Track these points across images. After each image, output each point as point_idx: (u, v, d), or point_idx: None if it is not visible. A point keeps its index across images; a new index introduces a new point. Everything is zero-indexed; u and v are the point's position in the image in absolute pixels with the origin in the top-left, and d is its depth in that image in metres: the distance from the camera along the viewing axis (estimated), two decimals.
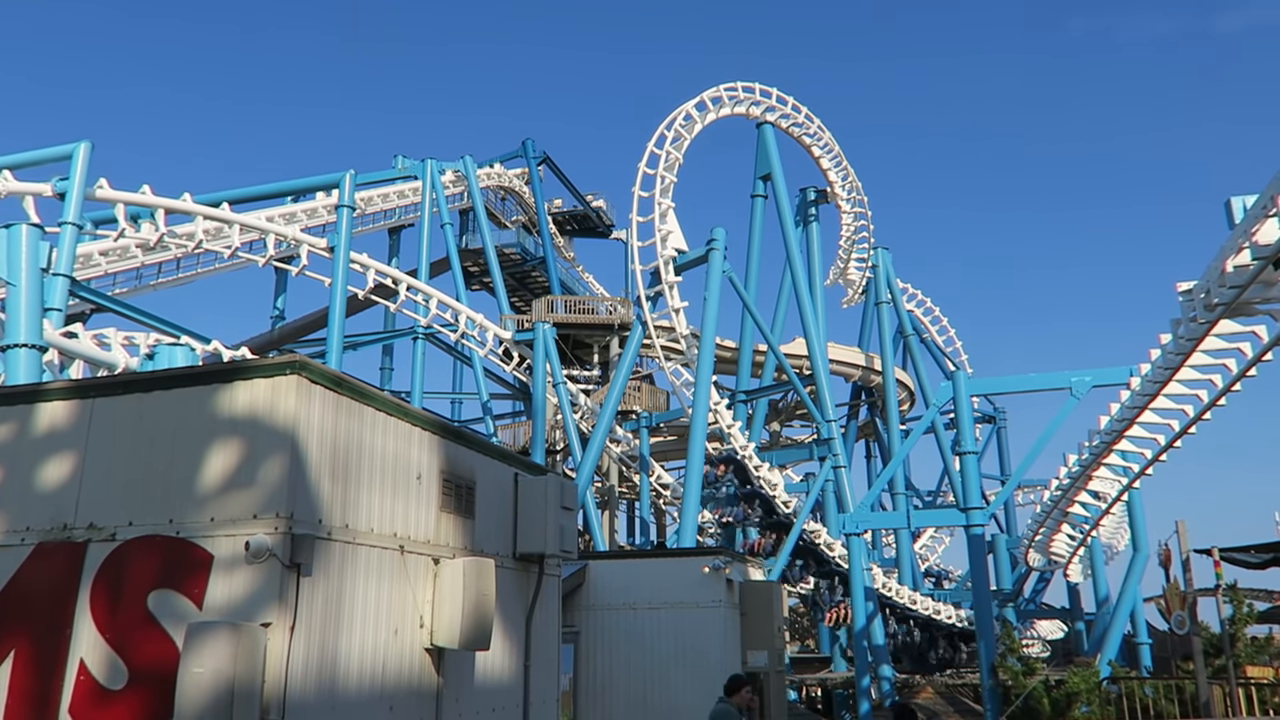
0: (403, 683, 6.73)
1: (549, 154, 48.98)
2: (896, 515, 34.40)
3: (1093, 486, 22.61)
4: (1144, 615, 28.52)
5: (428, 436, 7.43)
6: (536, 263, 46.56)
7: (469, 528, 7.89)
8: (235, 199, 30.56)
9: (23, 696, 5.84)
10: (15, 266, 15.77)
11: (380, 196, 41.03)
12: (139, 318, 24.99)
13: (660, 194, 32.53)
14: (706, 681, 13.76)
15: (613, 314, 41.45)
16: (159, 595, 5.73)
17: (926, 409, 32.70)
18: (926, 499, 49.23)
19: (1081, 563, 32.12)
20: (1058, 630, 42.19)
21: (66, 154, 22.47)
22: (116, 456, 6.21)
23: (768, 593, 15.27)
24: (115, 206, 24.57)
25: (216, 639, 5.23)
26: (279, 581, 5.58)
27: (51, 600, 5.98)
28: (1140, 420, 17.93)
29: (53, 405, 6.51)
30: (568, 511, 9.04)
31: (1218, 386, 15.49)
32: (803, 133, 38.73)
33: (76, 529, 6.12)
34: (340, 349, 30.14)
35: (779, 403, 45.48)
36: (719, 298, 30.99)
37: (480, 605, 7.19)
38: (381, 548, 6.67)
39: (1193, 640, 16.51)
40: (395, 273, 33.75)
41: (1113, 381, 20.75)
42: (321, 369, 6.23)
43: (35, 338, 15.74)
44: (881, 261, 41.65)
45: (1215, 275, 12.11)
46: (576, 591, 14.29)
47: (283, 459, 5.79)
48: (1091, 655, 26.10)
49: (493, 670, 8.01)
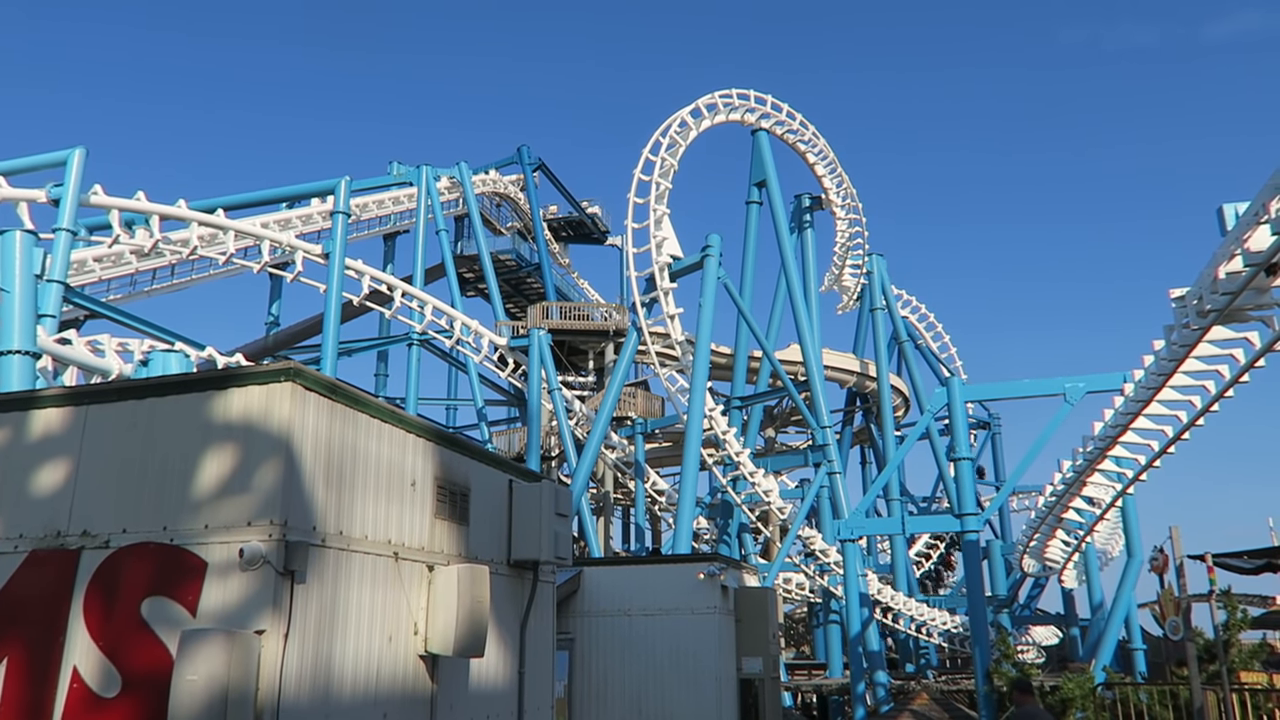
0: (397, 690, 6.72)
1: (544, 160, 49.02)
2: (891, 521, 34.39)
3: (1087, 492, 22.63)
4: (1138, 621, 28.53)
5: (422, 443, 7.43)
6: (532, 269, 46.57)
7: (463, 534, 7.89)
8: (230, 205, 30.51)
9: (16, 704, 5.82)
10: (9, 272, 15.75)
11: (375, 203, 41.05)
12: (133, 324, 24.93)
13: (655, 200, 32.55)
14: (701, 688, 13.77)
15: (608, 320, 41.48)
16: (153, 602, 5.71)
17: (921, 415, 32.73)
18: (921, 505, 49.29)
19: (1076, 568, 32.14)
20: (1053, 636, 42.23)
21: (61, 160, 22.40)
22: (110, 463, 6.20)
23: (763, 599, 15.26)
24: (110, 213, 24.48)
25: (210, 646, 5.23)
26: (273, 588, 5.57)
27: (45, 608, 5.96)
28: (1134, 426, 17.97)
29: (47, 412, 6.50)
30: (562, 518, 9.04)
31: (1211, 393, 15.53)
32: (797, 139, 38.81)
33: (70, 536, 6.11)
34: (335, 355, 30.09)
35: (774, 409, 45.50)
36: (714, 304, 31.03)
37: (475, 612, 7.18)
38: (376, 554, 6.66)
39: (1187, 646, 16.50)
40: (390, 279, 33.72)
41: (1106, 388, 20.81)
42: (316, 376, 6.23)
43: (29, 344, 15.71)
44: (876, 268, 41.71)
45: (1208, 282, 12.15)
46: (571, 598, 14.28)
47: (277, 466, 5.79)
48: (1086, 661, 26.10)
49: (487, 677, 8.01)
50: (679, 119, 34.27)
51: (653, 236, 31.99)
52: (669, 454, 45.46)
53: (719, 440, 32.36)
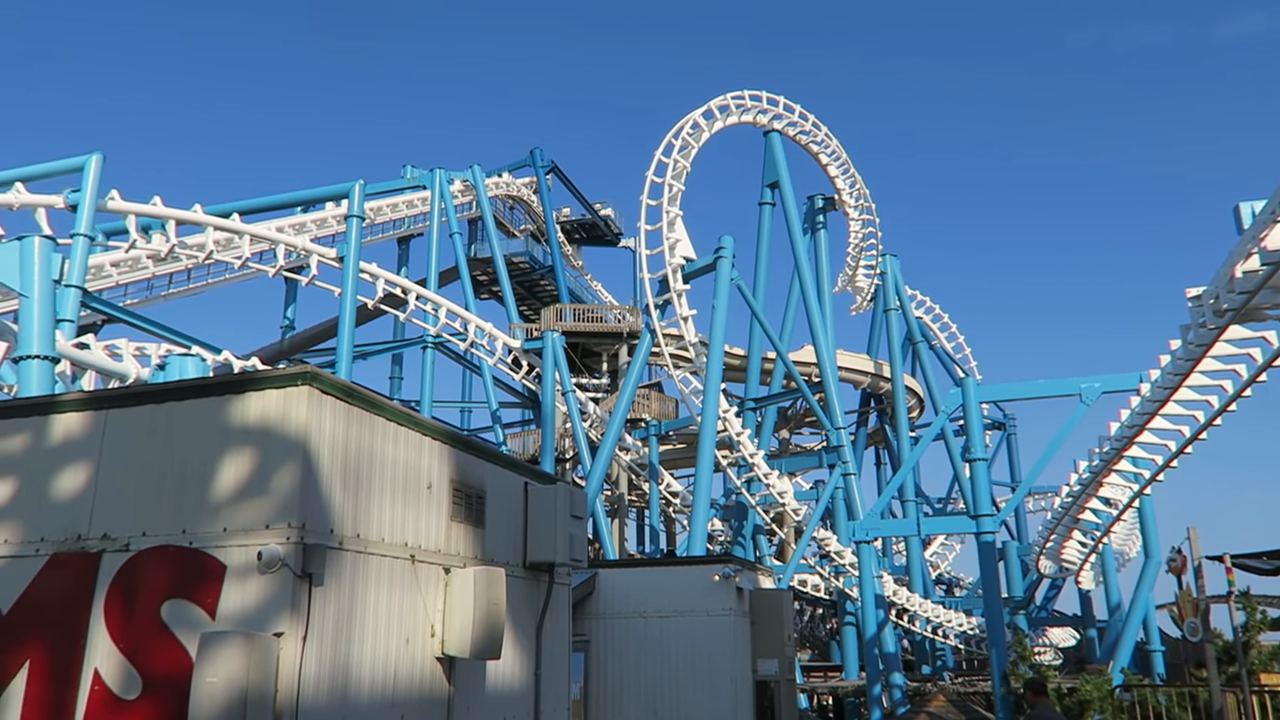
0: (414, 692, 6.75)
1: (557, 163, 49.14)
2: (906, 522, 34.28)
3: (1104, 493, 22.50)
4: (1156, 622, 28.35)
5: (438, 446, 7.46)
6: (545, 271, 46.64)
7: (479, 537, 7.91)
8: (245, 210, 30.70)
9: (39, 706, 5.88)
10: (28, 278, 15.89)
11: (389, 206, 41.18)
12: (150, 328, 25.10)
13: (668, 202, 32.58)
14: (716, 690, 13.76)
15: (621, 322, 41.51)
16: (172, 605, 5.76)
17: (936, 416, 32.62)
18: (936, 506, 49.08)
19: (1093, 569, 31.96)
20: (1070, 637, 41.99)
21: (78, 166, 22.57)
22: (130, 467, 6.25)
23: (778, 601, 15.24)
24: (126, 218, 24.66)
25: (229, 648, 5.26)
26: (291, 591, 5.61)
27: (66, 610, 6.02)
28: (1151, 426, 17.86)
29: (67, 417, 6.56)
30: (578, 520, 9.06)
31: (1228, 392, 15.43)
32: (810, 140, 38.77)
33: (90, 539, 6.17)
34: (350, 358, 30.21)
35: (788, 410, 45.42)
36: (727, 305, 31.03)
37: (491, 614, 7.21)
38: (392, 557, 6.70)
39: (1206, 647, 16.39)
40: (404, 282, 33.86)
41: (1122, 388, 20.70)
42: (332, 379, 6.27)
43: (48, 349, 15.83)
44: (890, 268, 41.59)
45: (1224, 281, 12.08)
46: (586, 600, 14.29)
47: (294, 469, 5.82)
48: (1104, 663, 25.96)
49: (504, 679, 8.03)
50: (691, 121, 34.29)
51: (666, 238, 32.01)
52: (683, 456, 45.44)
53: (733, 442, 32.34)
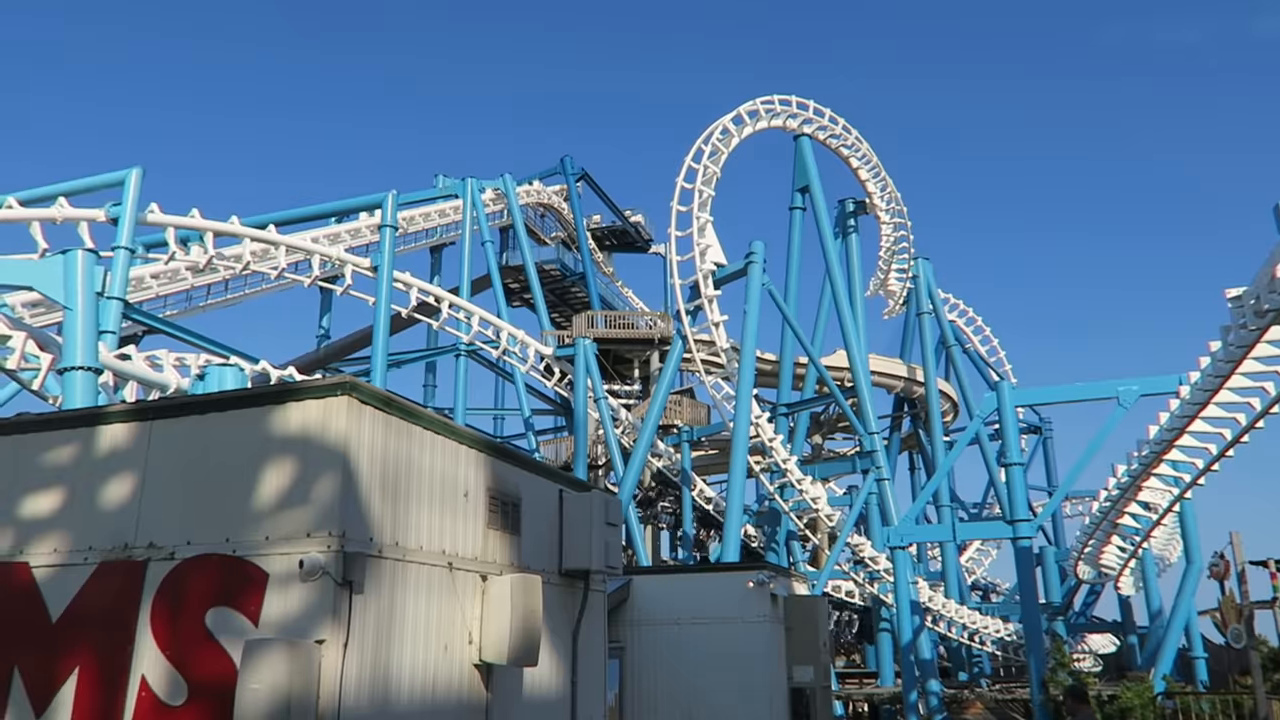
0: (452, 698, 6.82)
1: (587, 170, 49.34)
2: (941, 528, 34.04)
3: (1143, 497, 22.19)
4: (1198, 629, 27.91)
5: (474, 454, 7.54)
6: (576, 278, 46.81)
7: (515, 544, 7.98)
8: (281, 221, 31.11)
9: (87, 712, 6.01)
10: (72, 291, 16.20)
11: (422, 216, 41.54)
12: (189, 339, 25.57)
13: (699, 208, 32.58)
14: (751, 696, 13.74)
15: (653, 328, 41.53)
16: (217, 613, 5.87)
17: (970, 420, 32.36)
18: (972, 511, 48.59)
19: (1133, 575, 31.51)
20: (1109, 644, 41.39)
21: (119, 180, 23.07)
22: (174, 477, 6.38)
23: (813, 607, 15.19)
24: (166, 230, 25.12)
25: (273, 656, 5.36)
26: (332, 598, 5.70)
27: (113, 618, 6.15)
28: (1190, 429, 17.61)
29: (113, 428, 6.71)
30: (612, 527, 9.10)
31: (1270, 394, 15.20)
32: (840, 144, 38.61)
33: (137, 548, 6.29)
34: (385, 367, 30.52)
35: (820, 415, 45.20)
36: (759, 310, 30.97)
37: (528, 621, 7.26)
38: (431, 565, 6.77)
39: (1250, 654, 16.15)
40: (437, 290, 34.14)
41: (1161, 390, 20.41)
42: (371, 389, 6.36)
43: (91, 360, 16.13)
44: (922, 272, 41.30)
45: (1265, 281, 11.93)
46: (621, 607, 14.33)
47: (334, 478, 5.91)
48: (1145, 670, 25.61)
49: (540, 686, 8.08)
50: (721, 126, 34.27)
51: (696, 244, 32.01)
52: (715, 461, 45.37)
53: (765, 448, 32.25)
